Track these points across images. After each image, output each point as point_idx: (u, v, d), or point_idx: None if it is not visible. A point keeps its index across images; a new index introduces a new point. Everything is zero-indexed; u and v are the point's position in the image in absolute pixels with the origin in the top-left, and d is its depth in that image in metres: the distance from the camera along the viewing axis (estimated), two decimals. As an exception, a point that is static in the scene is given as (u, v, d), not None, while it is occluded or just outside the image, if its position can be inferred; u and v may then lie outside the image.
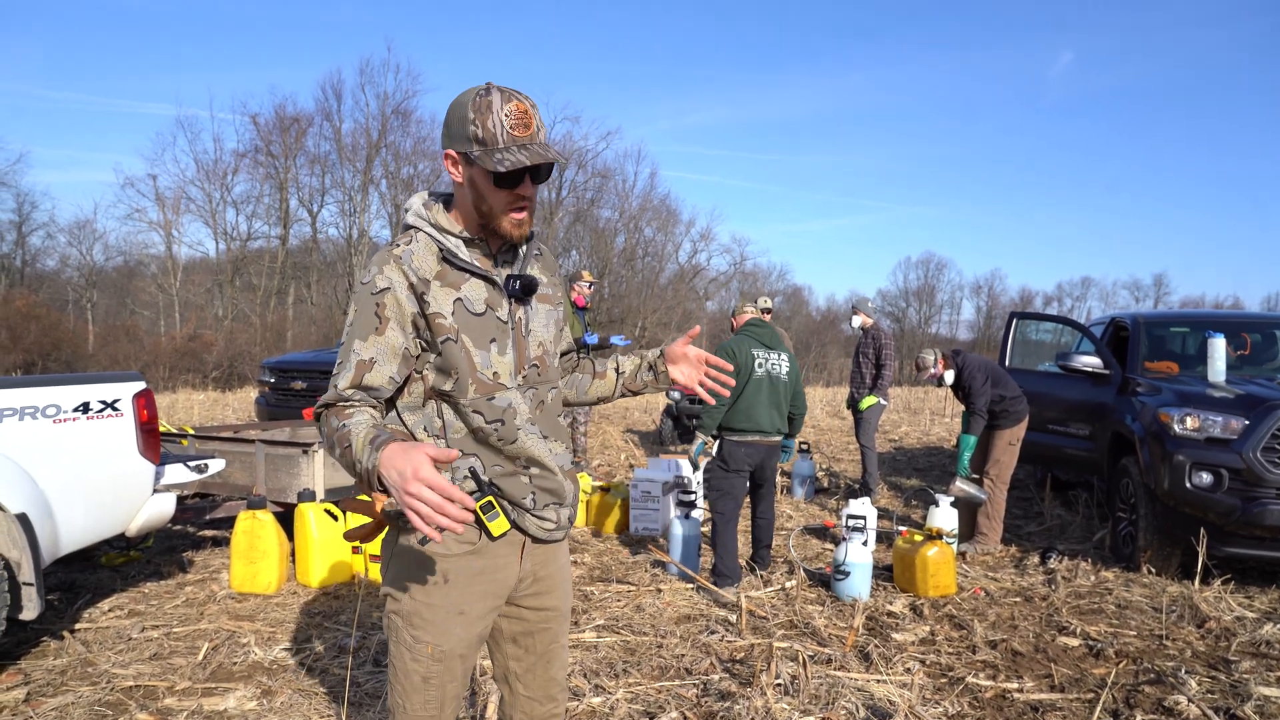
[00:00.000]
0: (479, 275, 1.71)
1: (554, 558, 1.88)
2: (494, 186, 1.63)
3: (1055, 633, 4.35)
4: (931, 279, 55.77)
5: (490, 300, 1.72)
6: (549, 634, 1.89)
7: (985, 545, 5.99)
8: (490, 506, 1.66)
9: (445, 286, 1.68)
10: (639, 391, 2.00)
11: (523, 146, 1.60)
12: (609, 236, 41.33)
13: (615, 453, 10.94)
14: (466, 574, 1.72)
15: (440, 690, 1.73)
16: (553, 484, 1.79)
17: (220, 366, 27.16)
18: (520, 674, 1.90)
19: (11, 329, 24.52)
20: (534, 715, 1.91)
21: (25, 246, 34.98)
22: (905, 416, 16.69)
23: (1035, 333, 8.66)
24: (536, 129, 1.62)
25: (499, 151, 1.59)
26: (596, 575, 5.29)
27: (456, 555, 1.72)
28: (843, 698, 3.39)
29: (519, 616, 1.87)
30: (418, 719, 1.74)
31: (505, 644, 1.90)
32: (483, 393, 1.69)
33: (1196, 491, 4.95)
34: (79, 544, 3.87)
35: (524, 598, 1.85)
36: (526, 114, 1.60)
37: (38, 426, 3.67)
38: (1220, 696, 3.55)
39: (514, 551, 1.79)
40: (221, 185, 36.55)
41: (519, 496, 1.75)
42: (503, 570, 1.77)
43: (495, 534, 1.65)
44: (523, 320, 1.77)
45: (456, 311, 1.67)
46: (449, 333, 1.66)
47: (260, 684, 3.54)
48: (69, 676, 3.63)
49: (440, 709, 1.75)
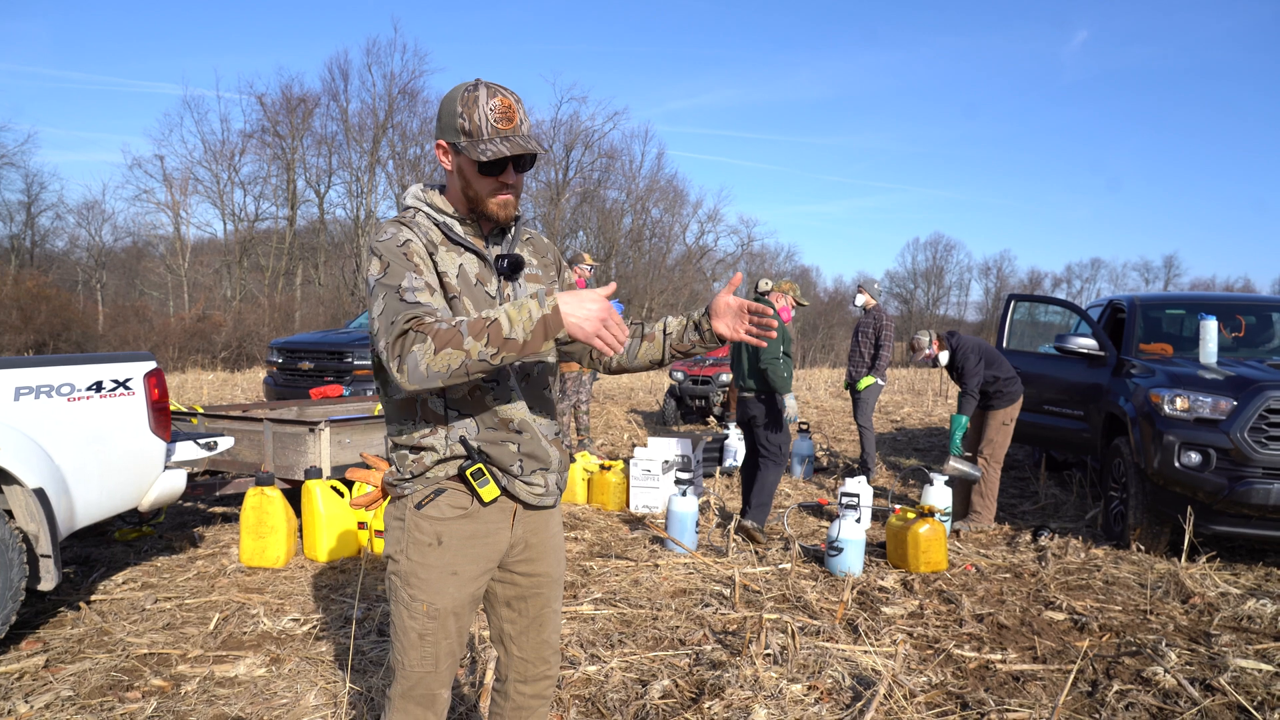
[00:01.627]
0: (471, 250, 1.85)
1: (544, 525, 1.99)
2: (480, 174, 1.78)
3: (1041, 607, 4.46)
4: (940, 260, 55.69)
5: (480, 275, 1.85)
6: (540, 598, 2.01)
7: (979, 523, 6.09)
8: (481, 473, 1.80)
9: (449, 252, 1.83)
10: (688, 352, 1.93)
11: (505, 138, 1.74)
12: (616, 217, 41.35)
13: (619, 432, 11.07)
14: (459, 537, 1.84)
15: (435, 646, 1.86)
16: (537, 449, 1.88)
17: (229, 347, 27.38)
18: (514, 636, 2.02)
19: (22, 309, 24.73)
20: (528, 675, 2.03)
21: (35, 227, 35.26)
22: (908, 397, 16.77)
23: (1043, 314, 8.73)
24: (519, 122, 1.76)
25: (483, 142, 1.74)
26: (596, 551, 5.42)
27: (450, 519, 1.83)
28: (829, 667, 3.51)
29: (511, 581, 1.98)
30: (415, 674, 1.87)
31: (500, 607, 2.02)
32: None
33: (1185, 471, 5.03)
34: (93, 518, 3.99)
35: (516, 563, 1.96)
36: (510, 108, 1.74)
37: (53, 405, 3.79)
38: (1198, 668, 3.65)
39: (505, 518, 1.90)
40: (229, 166, 36.70)
41: (507, 464, 1.86)
42: (494, 535, 1.89)
43: (486, 499, 1.81)
44: (510, 297, 1.88)
45: (460, 275, 1.81)
46: (454, 291, 1.79)
47: (269, 652, 3.68)
48: (86, 645, 3.77)
49: (435, 664, 1.87)
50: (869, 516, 6.14)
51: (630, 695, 3.30)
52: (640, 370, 2.02)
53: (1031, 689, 3.45)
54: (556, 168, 40.38)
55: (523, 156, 1.79)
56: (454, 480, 1.84)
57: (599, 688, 3.36)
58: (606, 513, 6.54)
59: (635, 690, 3.34)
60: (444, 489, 1.84)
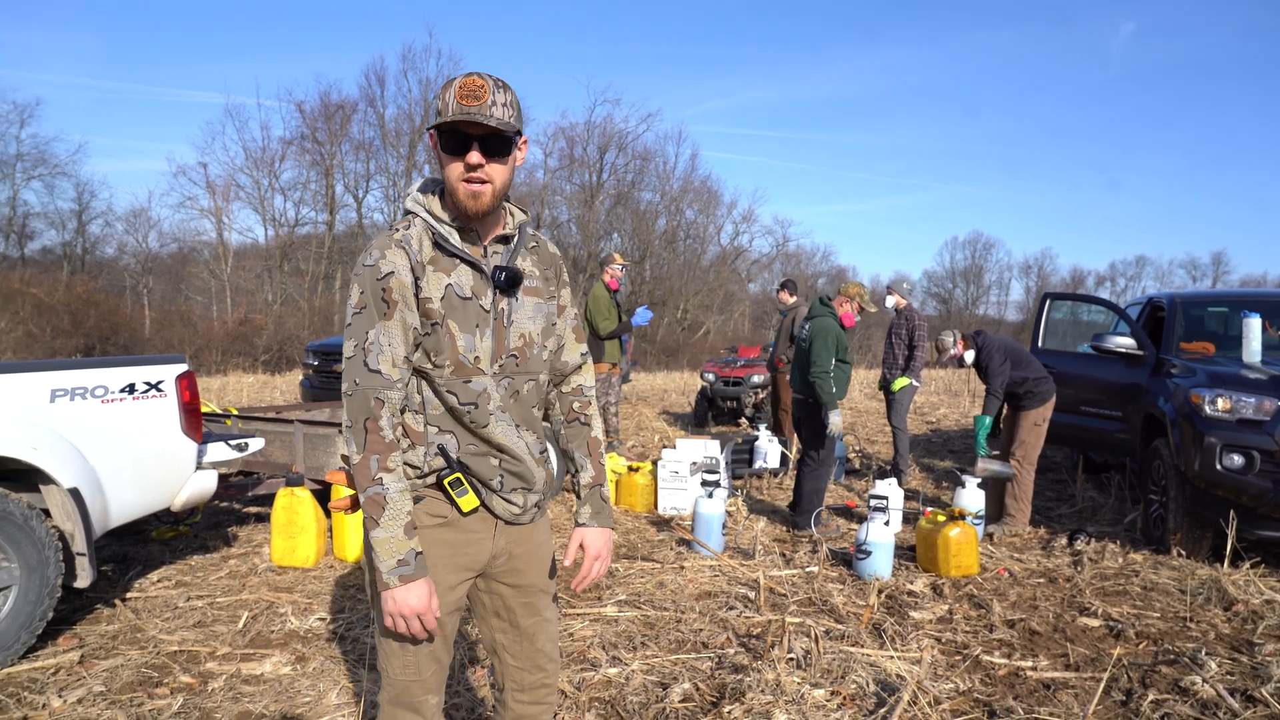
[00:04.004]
0: (467, 261, 1.79)
1: (528, 538, 1.96)
2: (446, 154, 1.73)
3: (1076, 613, 4.35)
4: (979, 259, 54.75)
5: (476, 288, 1.80)
6: (529, 609, 1.97)
7: (1013, 527, 5.97)
8: (459, 483, 1.79)
9: (437, 271, 1.77)
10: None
11: (465, 111, 1.68)
12: (650, 219, 41.31)
13: (650, 433, 11.05)
14: (437, 545, 1.82)
15: (416, 654, 1.83)
16: (521, 469, 1.86)
17: (270, 350, 27.84)
18: (508, 645, 1.99)
19: (73, 314, 25.39)
20: (524, 684, 2.00)
21: (85, 234, 36.24)
22: (945, 399, 16.53)
23: (1087, 314, 8.54)
24: (489, 102, 1.68)
25: (442, 115, 1.70)
26: (622, 553, 5.40)
27: (428, 527, 1.82)
28: (853, 672, 3.46)
29: (496, 592, 1.96)
30: (399, 681, 1.85)
31: (489, 617, 1.99)
32: (460, 375, 1.79)
33: (1227, 473, 4.88)
34: (127, 517, 4.08)
35: (500, 574, 1.94)
36: (481, 87, 1.69)
37: (87, 406, 3.87)
38: (1239, 678, 3.53)
39: (486, 528, 1.88)
40: (269, 172, 37.40)
41: (487, 478, 1.84)
42: (474, 545, 1.86)
43: (464, 510, 1.80)
44: (505, 311, 1.83)
45: (446, 296, 1.77)
46: (436, 317, 1.75)
47: (295, 651, 3.73)
48: (119, 641, 3.85)
49: (418, 672, 1.85)
50: (899, 519, 6.06)
51: (650, 698, 3.28)
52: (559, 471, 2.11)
53: (1063, 697, 3.37)
54: (591, 170, 40.53)
55: (492, 140, 1.70)
56: (433, 489, 1.83)
57: (619, 690, 3.34)
58: (634, 514, 6.53)
59: (655, 693, 3.32)
60: (422, 496, 1.82)
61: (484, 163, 1.72)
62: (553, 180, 40.23)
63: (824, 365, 5.65)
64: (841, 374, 5.80)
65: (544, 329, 1.91)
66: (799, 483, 6.01)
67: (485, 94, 1.68)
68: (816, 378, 5.66)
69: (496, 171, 1.73)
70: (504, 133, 1.71)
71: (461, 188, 1.73)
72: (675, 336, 37.30)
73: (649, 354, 33.12)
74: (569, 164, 40.57)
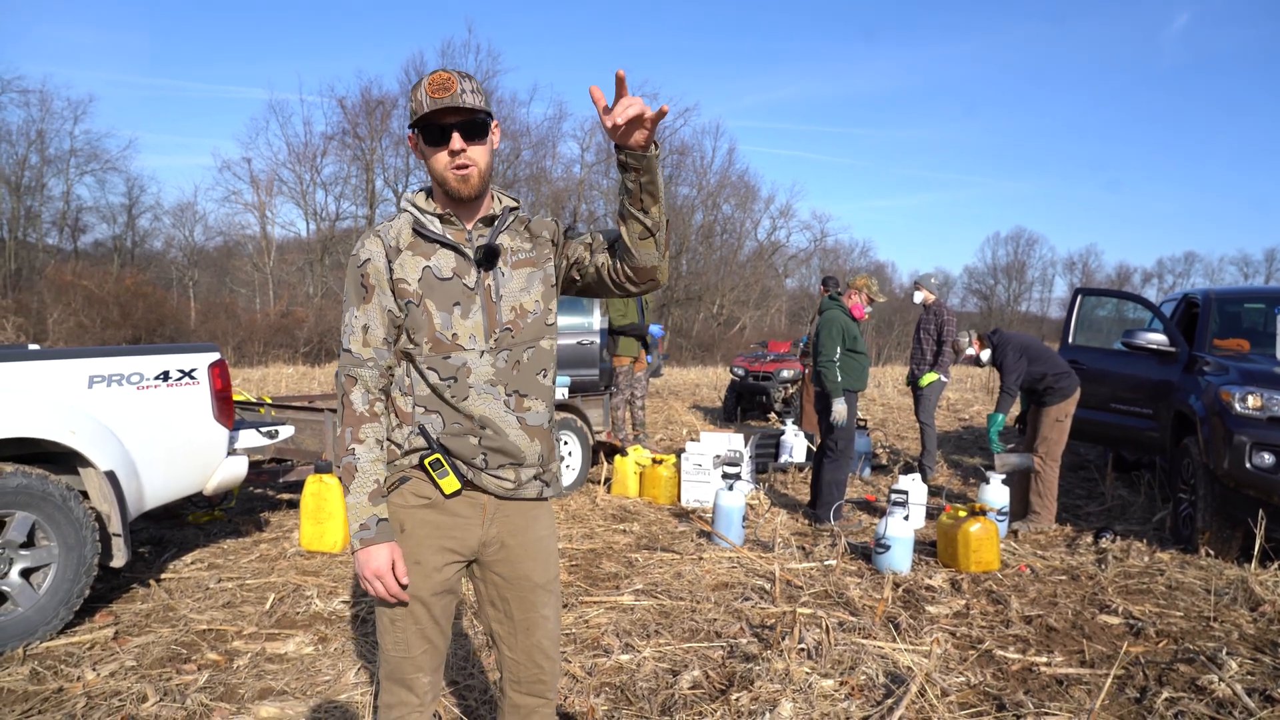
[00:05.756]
0: (447, 245, 1.88)
1: (525, 528, 1.97)
2: (430, 147, 1.82)
3: (1096, 611, 4.31)
4: (1022, 255, 53.88)
5: (458, 268, 1.88)
6: (526, 603, 1.98)
7: (1038, 524, 5.92)
8: (439, 464, 1.85)
9: (415, 255, 1.87)
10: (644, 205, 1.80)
11: (439, 102, 1.77)
12: (687, 214, 41.22)
13: (679, 427, 11.09)
14: (422, 526, 1.88)
15: (405, 632, 1.89)
16: (503, 444, 1.89)
17: (310, 342, 28.35)
18: (504, 637, 2.02)
19: (122, 306, 26.09)
20: (520, 677, 2.03)
21: (135, 228, 37.24)
22: (979, 395, 16.32)
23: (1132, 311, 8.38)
24: (459, 90, 1.78)
25: (418, 112, 1.79)
26: (643, 543, 5.46)
27: (413, 508, 1.89)
28: (864, 664, 3.47)
29: (490, 581, 1.99)
30: (391, 658, 1.92)
31: (485, 606, 2.03)
32: (439, 352, 1.86)
33: (1257, 472, 4.79)
34: (160, 500, 4.23)
35: (494, 562, 1.97)
36: (449, 80, 1.78)
37: (123, 392, 4.03)
38: (1260, 679, 3.48)
39: (475, 512, 1.92)
40: (311, 167, 37.97)
41: (469, 457, 1.88)
42: (461, 528, 1.91)
43: (446, 491, 1.86)
44: (492, 286, 1.90)
45: (423, 277, 1.86)
46: (411, 296, 1.85)
47: (318, 632, 3.85)
48: (152, 619, 4.00)
49: (408, 649, 1.90)
50: (921, 514, 6.04)
51: (660, 684, 3.33)
52: (649, 257, 1.86)
53: (1075, 693, 3.36)
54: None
55: (469, 125, 1.79)
56: (417, 470, 1.89)
57: (630, 676, 3.40)
58: (657, 506, 6.58)
59: (665, 679, 3.37)
60: (408, 477, 1.89)
61: (465, 147, 1.81)
62: (590, 175, 40.37)
63: (829, 354, 5.79)
64: (854, 364, 5.84)
65: (543, 293, 1.96)
66: (816, 474, 6.05)
67: (454, 84, 1.78)
68: (823, 367, 5.82)
69: (478, 154, 1.83)
70: (479, 116, 1.80)
71: (451, 175, 1.82)
72: (710, 332, 37.22)
73: (683, 349, 33.13)
74: (606, 159, 40.68)
